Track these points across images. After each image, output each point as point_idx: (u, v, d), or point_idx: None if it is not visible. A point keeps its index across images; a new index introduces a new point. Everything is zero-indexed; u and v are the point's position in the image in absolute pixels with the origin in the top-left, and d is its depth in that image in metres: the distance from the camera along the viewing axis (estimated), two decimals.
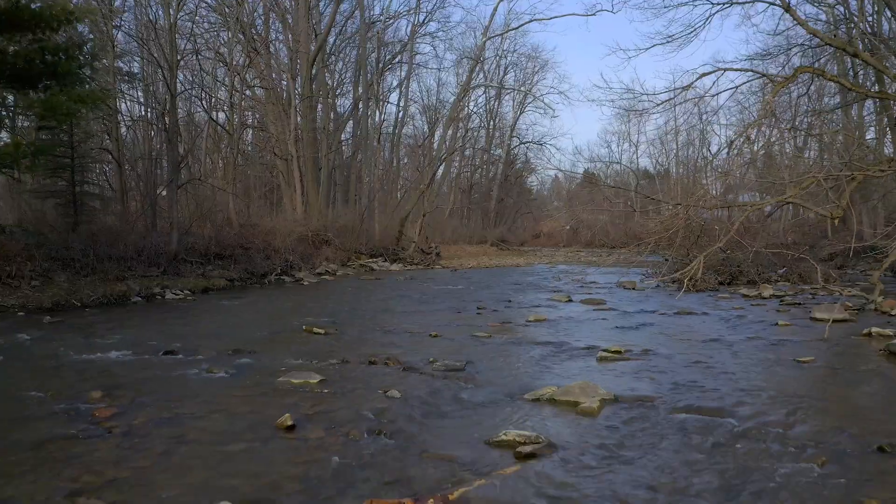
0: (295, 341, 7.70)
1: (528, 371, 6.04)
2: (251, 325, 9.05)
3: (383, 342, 7.63)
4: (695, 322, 9.81)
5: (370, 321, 9.49)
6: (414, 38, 33.72)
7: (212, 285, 14.69)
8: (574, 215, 14.31)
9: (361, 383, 5.50)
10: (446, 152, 31.39)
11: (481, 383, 5.51)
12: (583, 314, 10.51)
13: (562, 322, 9.44)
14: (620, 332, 8.62)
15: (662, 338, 8.17)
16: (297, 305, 11.98)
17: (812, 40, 16.05)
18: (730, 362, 6.70)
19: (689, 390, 5.40)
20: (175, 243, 14.34)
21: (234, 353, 6.95)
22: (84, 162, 16.23)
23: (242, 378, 5.80)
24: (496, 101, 46.41)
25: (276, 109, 24.44)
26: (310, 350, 7.07)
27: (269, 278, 17.09)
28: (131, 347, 7.34)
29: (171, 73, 14.03)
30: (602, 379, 5.66)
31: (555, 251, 42.00)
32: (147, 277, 13.72)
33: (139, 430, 4.35)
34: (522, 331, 8.57)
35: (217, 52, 21.79)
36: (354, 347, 7.28)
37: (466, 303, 12.05)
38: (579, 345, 7.44)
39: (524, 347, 7.27)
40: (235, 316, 10.40)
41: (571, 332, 8.42)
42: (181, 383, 5.68)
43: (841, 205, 10.75)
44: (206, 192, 20.59)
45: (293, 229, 21.55)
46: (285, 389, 5.32)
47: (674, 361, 6.60)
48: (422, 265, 24.79)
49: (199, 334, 8.31)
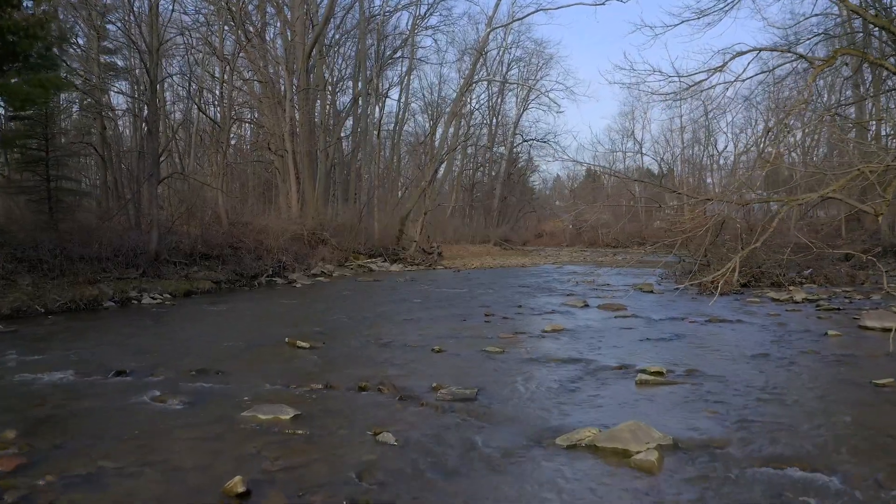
0: (274, 358, 6.55)
1: (556, 401, 4.87)
2: (228, 336, 7.90)
3: (378, 359, 6.47)
4: (732, 332, 8.66)
5: (364, 331, 8.33)
6: (415, 31, 32.59)
7: (195, 288, 13.55)
8: (586, 212, 13.33)
9: (346, 420, 4.34)
10: (448, 149, 30.22)
11: (498, 420, 4.34)
12: (604, 322, 9.35)
13: (582, 332, 8.27)
14: (652, 345, 7.46)
15: (703, 353, 7.01)
16: (285, 311, 10.83)
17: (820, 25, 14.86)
18: (795, 386, 5.54)
19: (762, 429, 4.25)
20: (155, 242, 13.20)
21: (198, 374, 5.80)
22: (60, 156, 15.07)
23: (199, 411, 4.65)
24: (499, 97, 45.25)
25: (271, 103, 23.31)
26: (289, 370, 5.92)
27: (260, 280, 15.95)
28: (79, 366, 6.20)
29: (152, 59, 12.88)
30: (650, 413, 4.51)
31: (558, 251, 40.97)
32: (123, 280, 12.57)
33: (40, 497, 3.20)
34: (539, 344, 7.40)
35: (207, 40, 20.63)
36: (343, 366, 6.12)
37: (472, 308, 10.89)
38: (609, 363, 6.27)
39: (545, 367, 6.10)
40: (213, 324, 9.25)
41: (596, 346, 7.26)
42: (122, 418, 4.53)
43: (887, 199, 9.60)
44: (196, 188, 19.45)
45: (287, 228, 20.42)
46: (249, 429, 4.17)
47: (729, 385, 5.44)
48: (423, 265, 23.64)
49: (165, 348, 7.16)
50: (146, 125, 13.85)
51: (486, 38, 27.87)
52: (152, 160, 12.97)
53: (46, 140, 14.60)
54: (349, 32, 33.87)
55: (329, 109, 32.88)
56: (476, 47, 29.42)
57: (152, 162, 12.98)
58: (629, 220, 43.35)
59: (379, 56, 32.65)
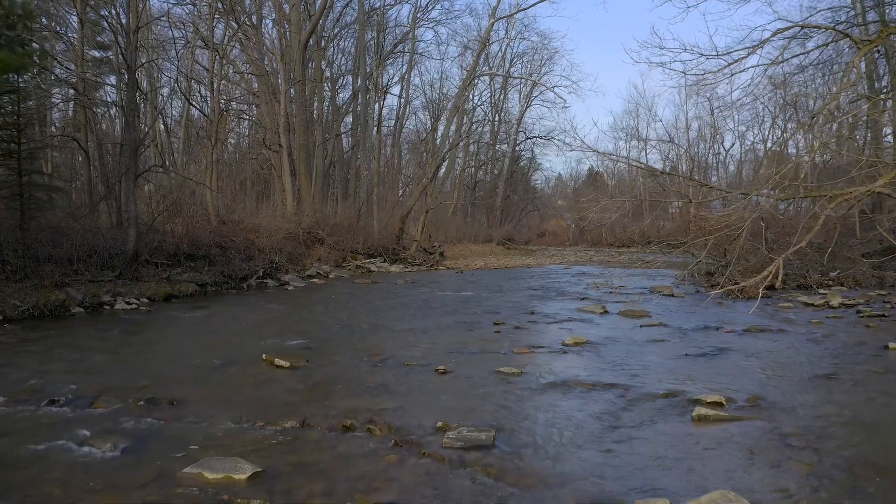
0: (245, 381, 5.45)
1: (599, 449, 3.76)
2: (198, 350, 6.81)
3: (370, 383, 5.36)
4: (778, 344, 7.56)
5: (357, 344, 7.23)
6: (416, 24, 31.49)
7: (177, 291, 12.45)
8: (608, 208, 12.32)
9: (321, 482, 3.23)
10: (451, 144, 29.10)
11: (528, 483, 3.23)
12: (630, 333, 8.24)
13: (609, 346, 7.16)
14: (693, 362, 6.35)
15: (757, 372, 5.90)
16: (271, 318, 9.73)
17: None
18: (887, 420, 4.44)
19: (879, 489, 3.15)
20: (133, 242, 12.11)
21: (148, 404, 4.71)
22: (34, 148, 13.98)
23: (131, 462, 3.55)
24: (501, 93, 44.09)
25: (267, 97, 22.22)
26: (260, 399, 4.82)
27: (250, 282, 14.86)
28: (14, 388, 5.13)
29: (129, 41, 11.78)
30: (725, 467, 3.41)
31: (562, 250, 39.97)
32: (96, 283, 11.48)
33: None
34: (561, 362, 6.29)
35: (196, 28, 19.52)
36: (326, 394, 5.01)
37: (479, 315, 9.79)
38: (652, 388, 5.17)
39: (574, 395, 5.00)
40: (186, 335, 8.14)
41: (629, 364, 6.15)
42: (31, 471, 3.44)
43: None
44: (183, 184, 18.36)
45: (281, 226, 19.32)
46: (188, 497, 3.07)
47: (805, 420, 4.34)
48: (424, 266, 22.54)
49: (120, 366, 6.06)
50: (124, 115, 12.74)
51: (490, 29, 26.76)
52: (130, 152, 11.86)
53: (18, 131, 13.52)
54: (349, 27, 32.83)
55: (329, 107, 31.84)
56: (480, 38, 28.31)
57: (130, 154, 11.87)
58: (632, 219, 42.21)
59: (379, 49, 31.57)
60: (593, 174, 58.78)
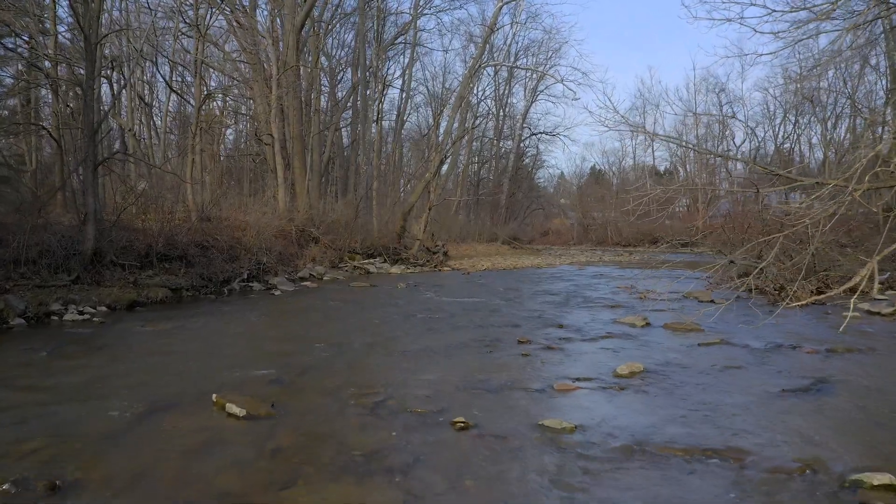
0: (175, 444, 3.76)
1: None
2: (133, 386, 5.12)
3: (357, 450, 3.67)
4: (884, 371, 5.90)
5: (343, 375, 5.55)
6: (418, 13, 29.81)
7: (144, 297, 10.80)
8: (659, 198, 10.76)
9: None
10: (455, 137, 27.41)
11: None
12: (690, 354, 6.55)
13: (675, 377, 5.47)
14: (800, 405, 4.66)
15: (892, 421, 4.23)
16: (243, 334, 8.04)
17: None
18: None
19: None
20: (92, 240, 10.45)
21: (15, 487, 3.04)
22: None
23: None
24: (506, 87, 42.37)
25: (260, 86, 20.54)
26: (186, 482, 3.15)
27: (232, 286, 13.21)
28: None
29: (87, 8, 10.12)
30: None
31: (567, 250, 38.48)
32: (46, 288, 9.82)
33: None
34: (625, 406, 4.60)
35: (179, 6, 17.83)
36: (290, 473, 3.33)
37: (497, 329, 8.11)
38: (773, 454, 3.48)
39: (671, 470, 3.31)
40: (130, 359, 6.44)
41: (719, 410, 4.46)
42: None
43: None
44: (159, 177, 16.70)
45: (271, 223, 17.65)
46: None
47: None
48: (427, 267, 20.87)
49: (15, 412, 4.40)
50: (80, 91, 11.06)
51: (497, 13, 25.06)
52: (87, 136, 10.19)
53: None
54: (348, 16, 31.15)
55: (327, 100, 30.21)
56: (486, 24, 26.63)
57: (88, 139, 10.20)
58: (638, 219, 40.43)
59: (379, 38, 29.89)
60: (596, 173, 57.08)
